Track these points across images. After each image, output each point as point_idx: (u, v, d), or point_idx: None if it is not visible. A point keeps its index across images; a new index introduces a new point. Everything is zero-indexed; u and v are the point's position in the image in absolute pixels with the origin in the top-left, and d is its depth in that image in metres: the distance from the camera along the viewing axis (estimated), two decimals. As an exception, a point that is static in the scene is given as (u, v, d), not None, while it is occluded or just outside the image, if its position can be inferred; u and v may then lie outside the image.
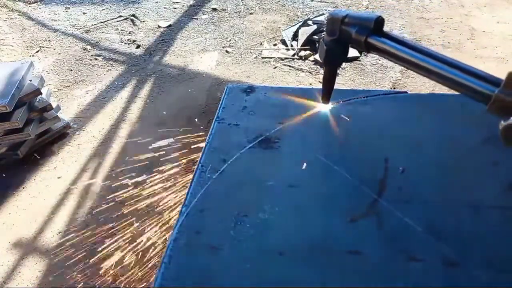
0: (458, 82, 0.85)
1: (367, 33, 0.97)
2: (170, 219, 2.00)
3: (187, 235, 0.94)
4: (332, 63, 1.12)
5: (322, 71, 3.26)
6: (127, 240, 1.98)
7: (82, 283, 1.84)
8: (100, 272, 1.86)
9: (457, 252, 0.87)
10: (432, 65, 0.89)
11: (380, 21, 0.97)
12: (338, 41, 1.04)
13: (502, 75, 0.76)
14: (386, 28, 0.97)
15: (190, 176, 1.08)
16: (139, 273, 1.82)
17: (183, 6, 4.34)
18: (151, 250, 1.92)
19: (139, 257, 1.90)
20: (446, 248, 0.87)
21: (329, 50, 1.06)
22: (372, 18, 0.97)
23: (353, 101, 1.29)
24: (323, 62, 1.11)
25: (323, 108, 1.26)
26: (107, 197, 2.26)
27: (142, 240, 1.96)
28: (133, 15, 4.19)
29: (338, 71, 3.26)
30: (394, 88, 3.03)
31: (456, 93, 0.86)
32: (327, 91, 1.19)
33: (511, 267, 0.85)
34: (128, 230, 2.02)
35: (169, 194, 2.10)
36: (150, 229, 2.00)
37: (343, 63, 3.32)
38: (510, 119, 0.74)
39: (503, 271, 0.84)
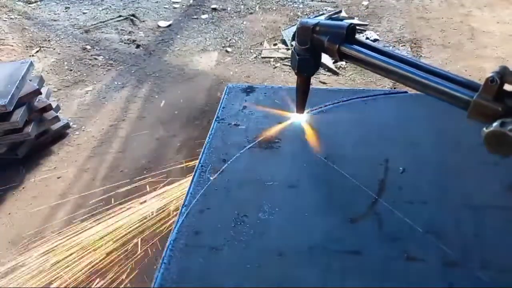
0: (436, 88, 0.83)
1: (340, 42, 0.95)
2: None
3: (187, 235, 0.94)
4: (305, 72, 1.09)
5: (322, 70, 3.27)
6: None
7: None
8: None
9: (457, 252, 0.87)
10: (410, 72, 0.87)
11: (352, 28, 0.96)
12: (310, 50, 1.02)
13: (502, 75, 0.76)
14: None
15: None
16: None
17: (183, 5, 4.34)
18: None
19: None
20: (446, 248, 0.87)
21: (301, 59, 1.04)
22: (344, 26, 0.95)
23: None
24: (295, 72, 1.08)
25: (324, 108, 1.25)
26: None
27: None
28: (133, 15, 4.18)
29: (338, 70, 3.25)
30: (394, 88, 3.03)
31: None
32: (302, 102, 1.16)
33: (511, 267, 0.85)
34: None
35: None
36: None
37: (343, 63, 3.32)
38: (492, 125, 0.74)
39: (503, 271, 0.84)
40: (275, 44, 3.68)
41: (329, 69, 3.25)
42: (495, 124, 0.73)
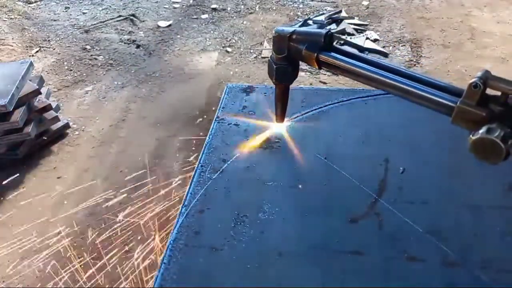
0: (418, 94, 0.82)
1: (318, 50, 0.93)
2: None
3: (187, 235, 0.94)
4: (283, 82, 1.07)
5: (322, 70, 3.27)
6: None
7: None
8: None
9: (457, 252, 0.87)
10: (390, 79, 0.86)
11: (330, 36, 0.94)
12: (287, 59, 1.00)
13: (502, 75, 0.75)
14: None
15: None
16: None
17: (183, 5, 4.34)
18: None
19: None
20: (446, 248, 0.87)
21: (279, 68, 1.02)
22: (321, 34, 0.93)
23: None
24: (273, 81, 1.06)
25: (324, 108, 1.25)
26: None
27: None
28: (133, 15, 4.18)
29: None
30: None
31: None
32: (281, 111, 1.14)
33: (511, 267, 0.85)
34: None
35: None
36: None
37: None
38: (478, 133, 0.73)
39: (503, 271, 0.84)
40: (275, 44, 3.68)
41: (329, 69, 3.25)
42: (481, 131, 0.72)
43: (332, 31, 3.94)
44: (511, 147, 0.72)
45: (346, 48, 0.90)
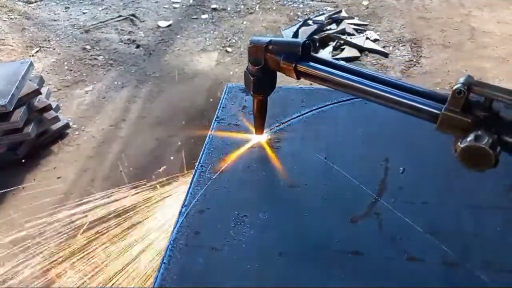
0: (401, 102, 0.80)
1: (296, 60, 0.91)
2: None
3: (187, 235, 0.94)
4: (261, 93, 1.05)
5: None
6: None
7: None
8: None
9: (457, 252, 0.87)
10: (372, 87, 0.84)
11: (307, 45, 0.92)
12: (264, 69, 0.97)
13: (502, 75, 0.75)
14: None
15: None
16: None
17: (183, 6, 4.34)
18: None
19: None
20: (446, 248, 0.87)
21: (256, 80, 1.00)
22: (298, 43, 0.91)
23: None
24: (251, 93, 1.04)
25: (324, 108, 1.25)
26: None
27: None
28: (133, 15, 4.18)
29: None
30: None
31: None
32: (260, 123, 1.12)
33: (511, 267, 0.85)
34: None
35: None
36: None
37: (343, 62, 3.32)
38: (466, 141, 0.71)
39: (503, 271, 0.84)
40: (275, 44, 3.68)
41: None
42: (469, 138, 0.71)
43: (332, 31, 3.90)
44: (499, 154, 0.71)
45: (324, 57, 0.86)
